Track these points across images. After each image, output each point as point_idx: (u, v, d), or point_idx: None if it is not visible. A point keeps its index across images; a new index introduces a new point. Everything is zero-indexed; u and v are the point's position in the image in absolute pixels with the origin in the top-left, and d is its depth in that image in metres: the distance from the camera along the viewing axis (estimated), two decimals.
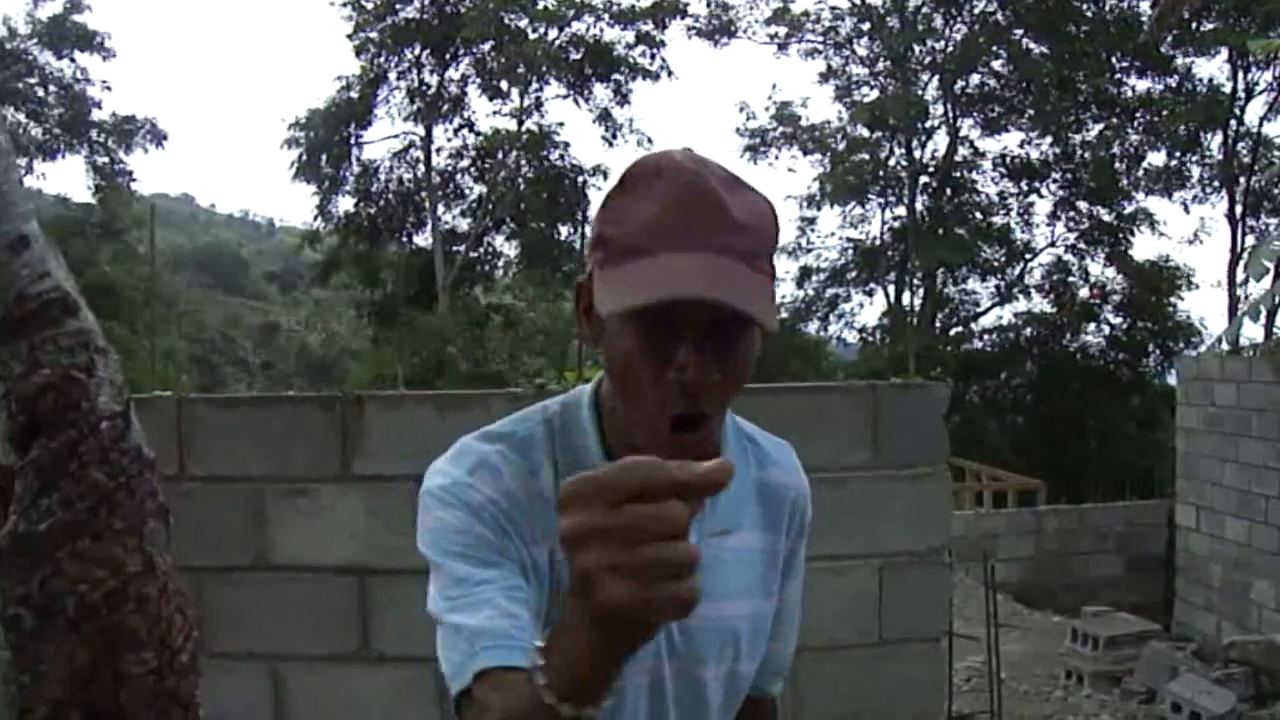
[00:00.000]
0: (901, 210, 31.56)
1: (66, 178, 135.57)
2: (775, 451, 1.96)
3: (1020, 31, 30.13)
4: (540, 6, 32.15)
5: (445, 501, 1.68)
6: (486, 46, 31.94)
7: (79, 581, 2.25)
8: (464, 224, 34.23)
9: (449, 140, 33.81)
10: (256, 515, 4.07)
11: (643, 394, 1.60)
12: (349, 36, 32.46)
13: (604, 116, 33.26)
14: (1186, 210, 31.03)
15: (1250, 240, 26.31)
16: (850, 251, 32.20)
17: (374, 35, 32.11)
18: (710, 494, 1.12)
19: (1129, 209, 31.13)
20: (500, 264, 35.78)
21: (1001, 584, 12.77)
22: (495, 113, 34.01)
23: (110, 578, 2.27)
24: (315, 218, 34.51)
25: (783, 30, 32.34)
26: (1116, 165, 30.65)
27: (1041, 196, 31.95)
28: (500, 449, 1.74)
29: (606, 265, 1.60)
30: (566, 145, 33.66)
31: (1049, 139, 31.08)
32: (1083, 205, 31.41)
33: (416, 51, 32.27)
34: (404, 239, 34.65)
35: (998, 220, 31.97)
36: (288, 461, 4.11)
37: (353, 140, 33.32)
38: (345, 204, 34.01)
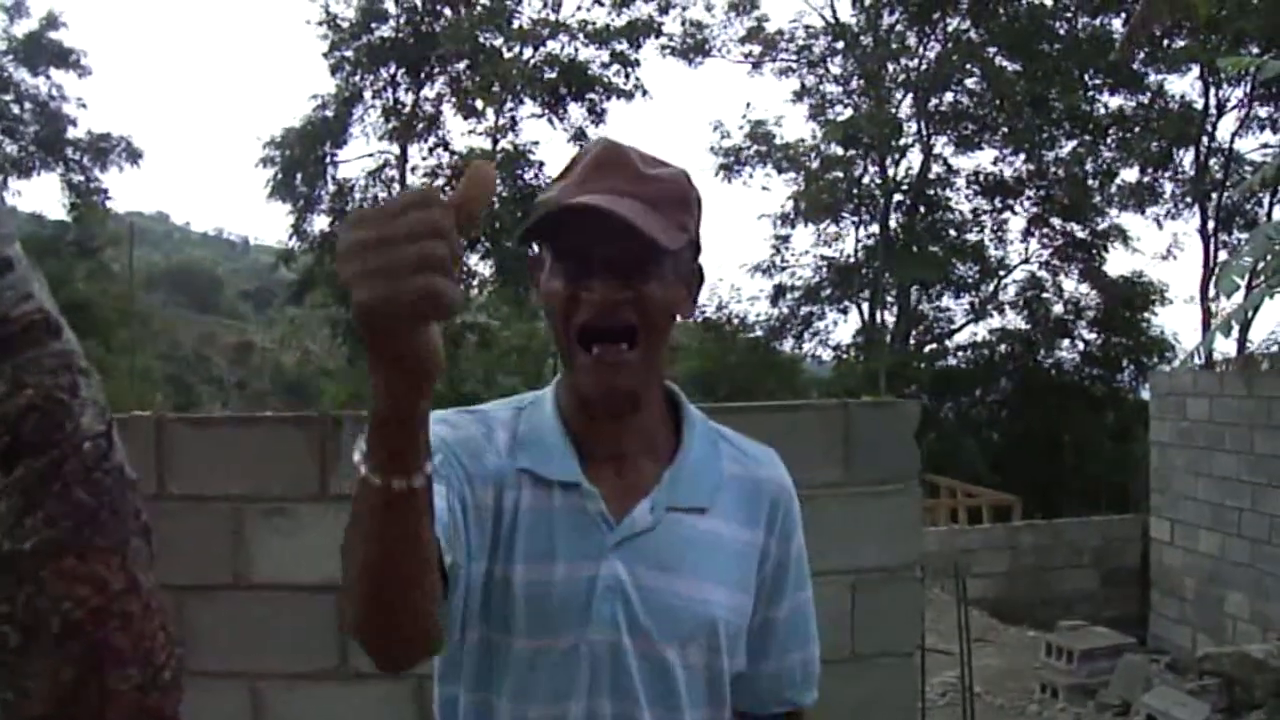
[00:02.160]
0: (875, 228, 31.58)
1: (41, 195, 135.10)
2: (755, 451, 2.05)
3: (993, 50, 30.28)
4: (515, 26, 32.22)
5: None
6: (461, 65, 31.97)
7: (63, 599, 2.28)
8: None
9: (424, 159, 33.77)
10: (235, 534, 4.09)
11: (563, 323, 1.80)
12: (324, 55, 32.51)
13: (579, 135, 33.21)
14: (1159, 226, 31.21)
15: (1223, 255, 26.50)
16: (824, 269, 32.13)
17: (349, 54, 32.10)
18: (480, 190, 1.25)
19: (1102, 225, 31.30)
20: (475, 283, 35.82)
21: (977, 599, 12.85)
22: (470, 131, 34.04)
23: (94, 595, 2.30)
24: (290, 236, 34.46)
25: (757, 49, 32.47)
26: (1089, 182, 30.82)
27: (1015, 213, 32.09)
28: (467, 413, 1.94)
29: (527, 226, 1.80)
30: (541, 164, 33.58)
31: (1022, 156, 31.19)
32: (1056, 222, 31.53)
33: (392, 70, 32.29)
34: None
35: (971, 237, 32.03)
36: (266, 481, 4.13)
37: (328, 159, 33.30)
38: (320, 222, 33.92)
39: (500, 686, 1.84)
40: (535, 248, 1.89)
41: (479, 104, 31.76)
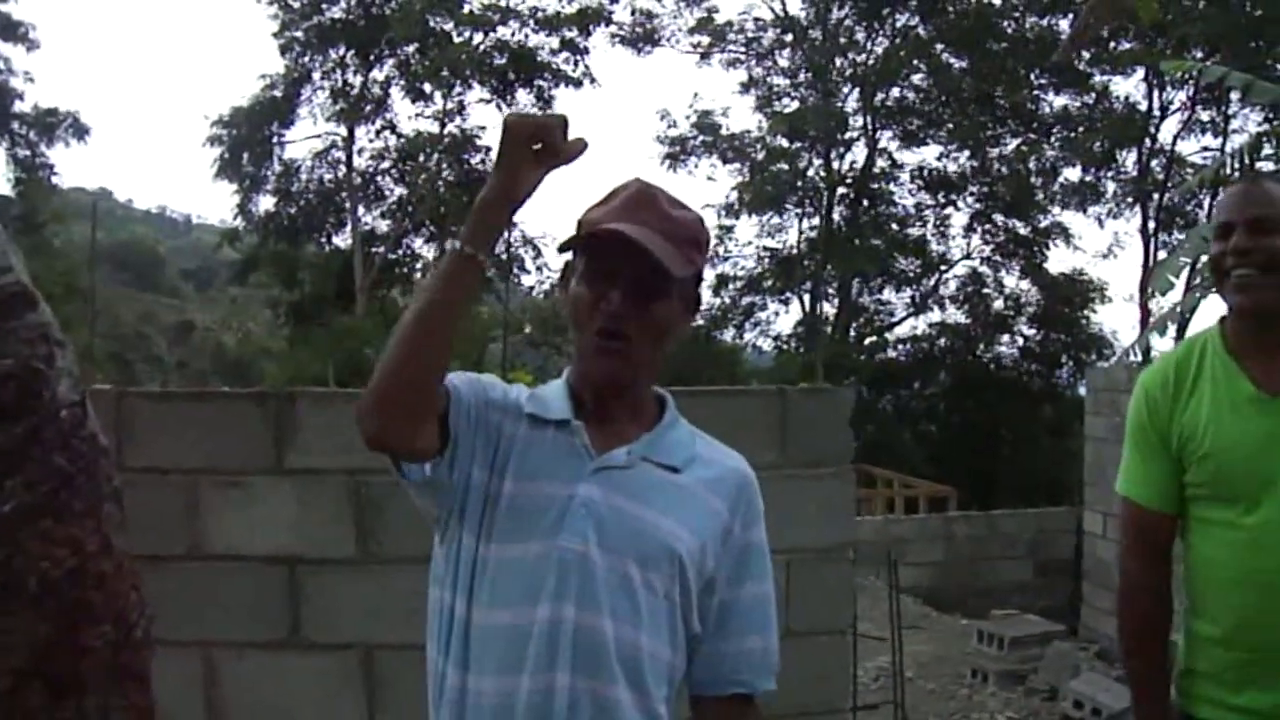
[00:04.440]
0: (819, 220, 31.76)
1: None
2: (725, 448, 2.38)
3: (941, 46, 30.55)
4: (466, 10, 32.20)
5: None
6: (411, 49, 31.93)
7: (41, 559, 2.40)
8: (384, 225, 34.15)
9: (371, 141, 33.74)
10: (191, 506, 4.16)
11: (585, 322, 2.20)
12: (275, 35, 32.38)
13: None
14: (1101, 225, 31.53)
15: (1162, 255, 26.81)
16: (767, 260, 32.29)
17: (299, 34, 32.00)
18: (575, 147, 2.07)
19: (1044, 223, 31.70)
20: (419, 266, 35.74)
21: (912, 588, 13.03)
22: (418, 115, 34.01)
23: (70, 556, 2.42)
24: (235, 216, 34.40)
25: (705, 40, 32.60)
26: (1033, 179, 31.16)
27: (958, 209, 32.38)
28: (491, 381, 2.37)
29: (573, 240, 2.24)
30: (488, 150, 33.39)
31: (966, 152, 31.48)
32: (999, 218, 31.89)
33: (341, 52, 32.20)
34: (323, 239, 34.55)
35: (914, 231, 32.30)
36: (222, 455, 4.20)
37: (275, 139, 33.20)
38: (266, 203, 33.90)
39: (479, 592, 2.13)
40: (571, 257, 2.29)
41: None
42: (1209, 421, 2.94)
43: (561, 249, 2.26)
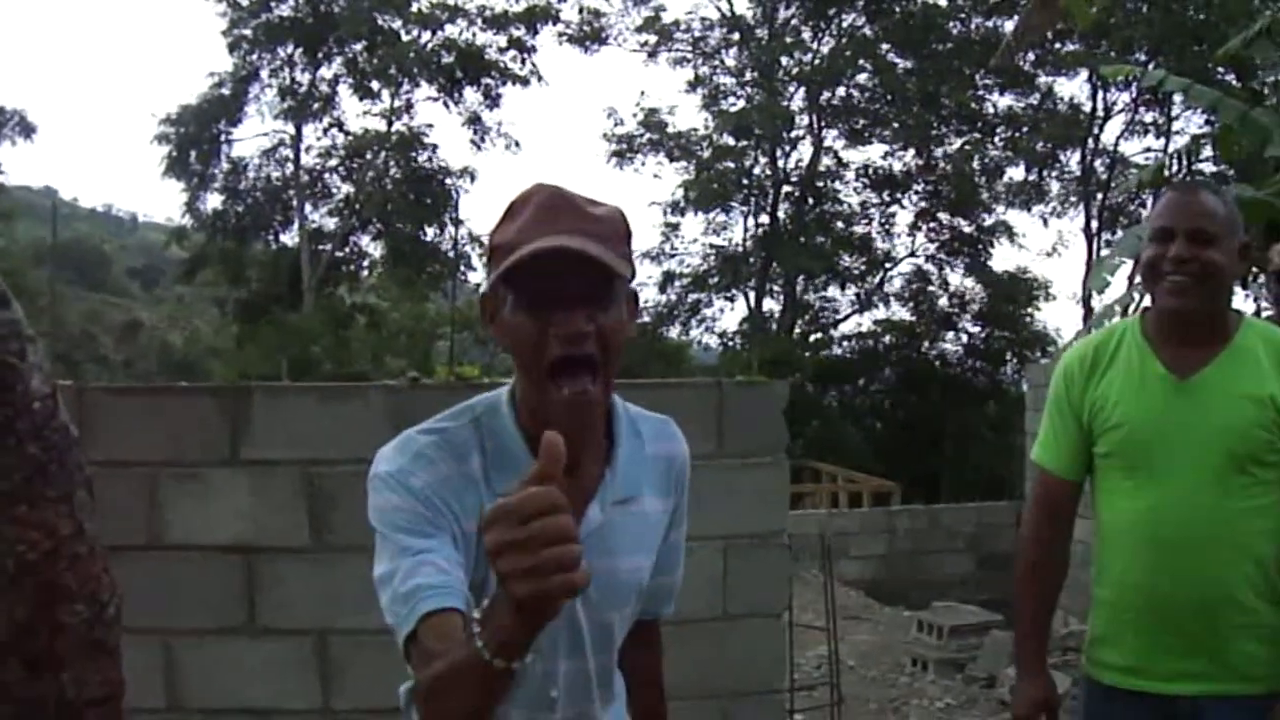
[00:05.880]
0: (764, 218, 31.87)
1: None
2: (659, 426, 2.35)
3: (887, 46, 30.70)
4: (414, 9, 32.25)
5: (390, 486, 2.03)
6: (359, 47, 31.95)
7: (18, 543, 2.54)
8: (331, 223, 34.20)
9: (318, 139, 33.80)
10: (151, 498, 4.28)
11: (533, 357, 2.00)
12: (223, 33, 32.31)
13: (473, 120, 33.45)
14: (1045, 224, 32.00)
15: (1105, 254, 27.08)
16: (713, 258, 32.34)
17: (248, 32, 31.95)
18: (556, 463, 1.51)
19: (989, 221, 31.96)
20: (366, 264, 35.77)
21: (855, 581, 13.23)
22: (365, 113, 34.07)
23: (45, 540, 2.55)
24: (183, 214, 34.37)
25: (652, 38, 32.68)
26: (977, 178, 31.41)
27: (903, 207, 32.59)
28: (435, 440, 2.09)
29: (494, 266, 1.99)
30: (435, 147, 33.84)
31: (912, 151, 31.68)
32: (943, 216, 32.10)
33: (289, 50, 32.17)
34: (271, 237, 34.51)
35: (859, 229, 32.45)
36: (180, 448, 4.32)
37: (223, 137, 33.16)
38: (213, 201, 33.87)
39: None
40: (490, 285, 2.06)
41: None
42: (1120, 396, 3.13)
43: (494, 280, 2.00)
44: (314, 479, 4.30)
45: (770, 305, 32.52)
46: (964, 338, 32.44)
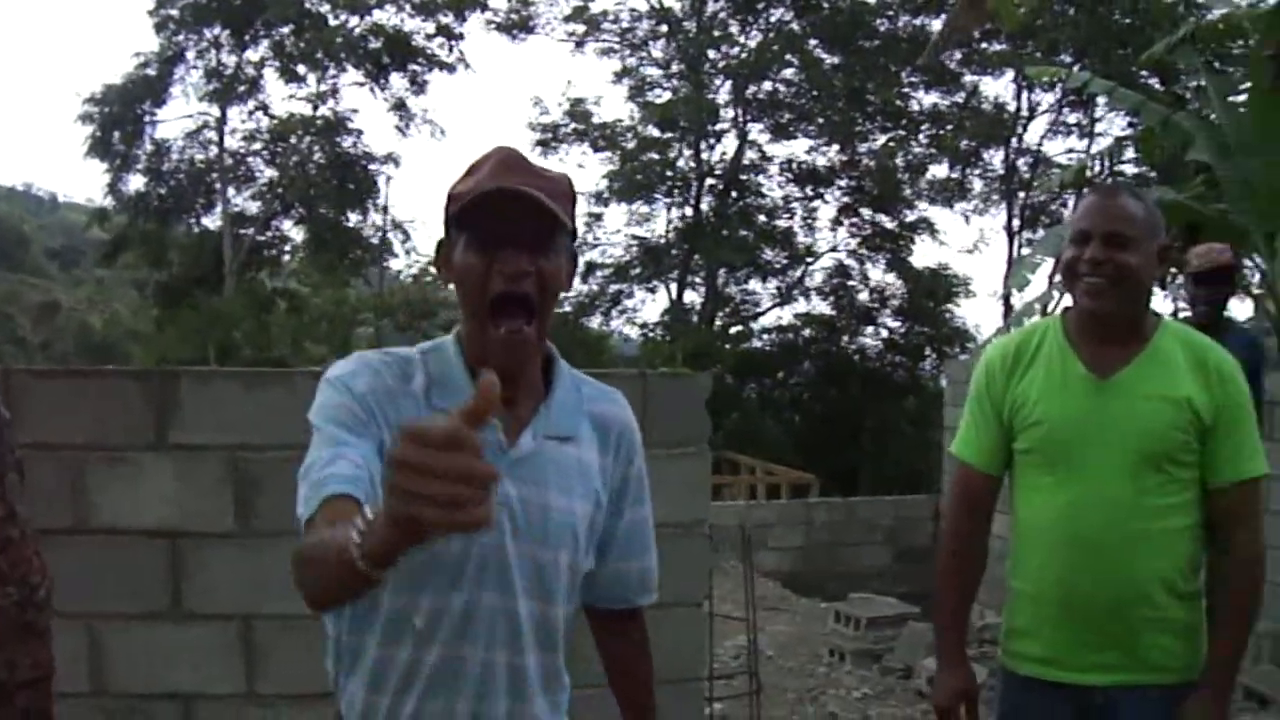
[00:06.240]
0: (688, 210, 31.97)
1: None
2: (604, 392, 2.51)
3: (814, 42, 30.81)
4: None
5: (335, 387, 2.21)
6: (286, 30, 31.71)
7: None
8: (254, 207, 34.00)
9: (243, 122, 33.53)
10: (77, 482, 4.26)
11: (477, 293, 2.18)
12: (150, 12, 31.99)
13: (399, 106, 33.36)
14: (967, 221, 32.24)
15: (1026, 252, 27.35)
16: (635, 248, 32.40)
17: (174, 12, 31.63)
18: (490, 401, 1.50)
19: (911, 217, 32.11)
20: (288, 249, 35.56)
21: (773, 572, 13.30)
22: (291, 97, 33.88)
23: None
24: (105, 195, 33.94)
25: (580, 28, 32.62)
26: (900, 175, 31.57)
27: (826, 202, 32.66)
28: (385, 358, 2.29)
29: (451, 212, 2.22)
30: (360, 133, 33.68)
31: (836, 146, 31.76)
32: (866, 212, 32.20)
33: (216, 31, 31.85)
34: (193, 220, 34.23)
35: (782, 223, 32.58)
36: (106, 431, 4.29)
37: (147, 118, 32.82)
38: (136, 182, 33.51)
39: (399, 581, 2.15)
40: (447, 234, 2.27)
41: None
42: (1041, 394, 3.22)
43: (448, 222, 2.23)
44: (240, 464, 4.29)
45: (691, 297, 32.63)
46: (884, 333, 32.56)
